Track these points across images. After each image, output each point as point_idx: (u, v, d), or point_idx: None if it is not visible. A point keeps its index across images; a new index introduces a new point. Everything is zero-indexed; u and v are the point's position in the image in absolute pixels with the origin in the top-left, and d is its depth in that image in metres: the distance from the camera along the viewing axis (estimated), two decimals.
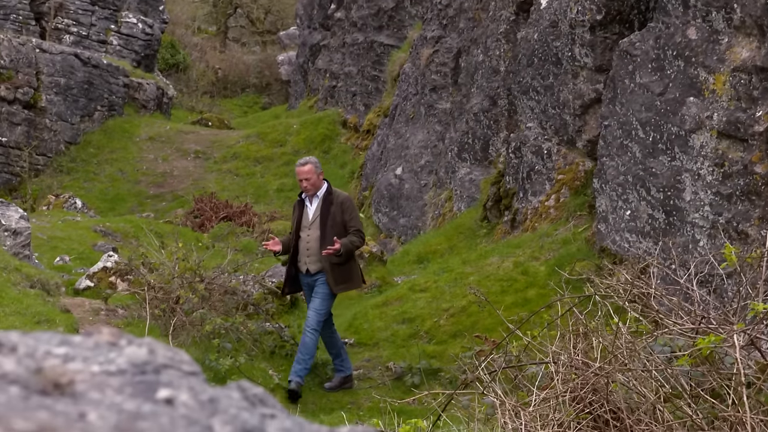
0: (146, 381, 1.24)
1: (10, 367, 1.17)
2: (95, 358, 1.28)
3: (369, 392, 10.64)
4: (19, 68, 25.91)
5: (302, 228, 10.67)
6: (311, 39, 32.73)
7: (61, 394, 1.13)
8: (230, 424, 1.17)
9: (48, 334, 1.34)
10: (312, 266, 10.63)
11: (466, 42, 19.02)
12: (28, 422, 0.91)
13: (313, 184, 10.58)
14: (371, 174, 22.84)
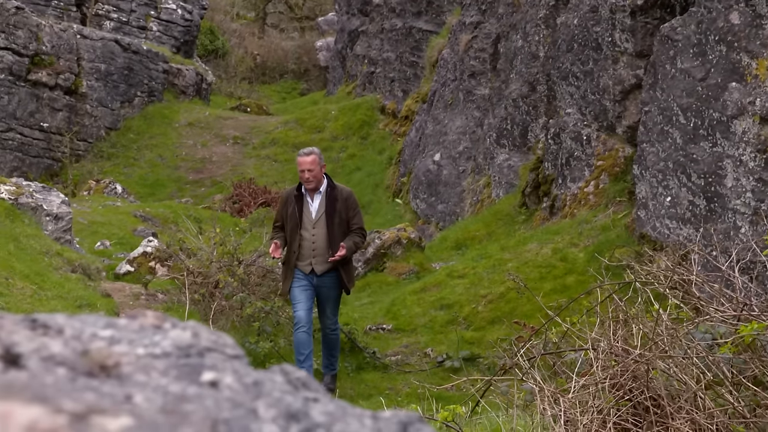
0: (191, 364, 1.25)
1: (57, 349, 1.17)
2: (140, 341, 1.29)
3: (407, 378, 10.65)
4: (61, 54, 26.10)
5: (304, 226, 9.87)
6: (350, 25, 32.71)
7: (108, 376, 1.13)
8: (274, 407, 1.17)
9: (93, 317, 1.35)
10: (319, 267, 9.93)
11: (505, 27, 18.92)
12: (77, 403, 0.92)
13: (316, 176, 9.78)
14: (409, 160, 22.82)
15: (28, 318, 1.28)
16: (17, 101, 24.94)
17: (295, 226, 9.82)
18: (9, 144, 25.09)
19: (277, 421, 1.15)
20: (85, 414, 0.90)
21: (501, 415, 5.07)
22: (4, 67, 24.81)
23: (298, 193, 9.90)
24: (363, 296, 14.15)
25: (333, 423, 1.17)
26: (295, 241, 9.86)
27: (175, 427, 0.95)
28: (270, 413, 1.16)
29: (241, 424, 1.09)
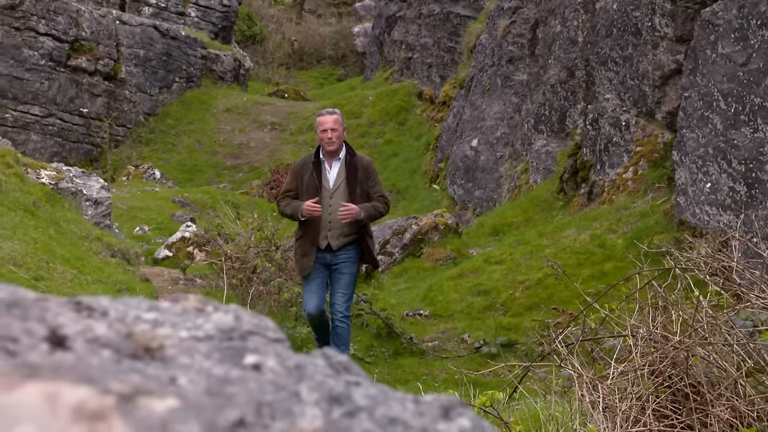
0: (233, 347, 1.25)
1: (102, 331, 1.18)
2: (183, 324, 1.29)
3: (444, 364, 10.65)
4: (100, 40, 26.26)
5: (321, 196, 8.91)
6: (387, 10, 32.66)
7: (152, 359, 1.14)
8: (317, 390, 1.18)
9: (137, 300, 1.36)
10: (335, 241, 8.97)
11: (543, 12, 18.82)
12: (124, 384, 0.93)
13: (339, 137, 8.89)
14: (447, 146, 22.78)
15: (72, 300, 1.29)
16: (57, 87, 25.14)
17: (313, 196, 8.86)
18: (49, 129, 25.30)
19: (320, 404, 1.15)
20: (132, 395, 0.91)
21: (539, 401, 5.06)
22: (45, 53, 25.01)
23: (316, 159, 9.00)
24: (400, 282, 14.16)
25: (375, 406, 1.17)
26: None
27: (220, 409, 0.96)
28: (313, 396, 1.16)
29: (285, 406, 1.09)
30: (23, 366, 0.92)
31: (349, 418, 1.12)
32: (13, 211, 11.96)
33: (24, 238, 11.31)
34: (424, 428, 1.14)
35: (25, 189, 12.78)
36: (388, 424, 1.13)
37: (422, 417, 1.17)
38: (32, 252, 10.84)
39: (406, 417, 1.16)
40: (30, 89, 24.95)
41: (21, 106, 24.85)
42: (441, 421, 1.18)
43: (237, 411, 0.97)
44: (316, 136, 9.15)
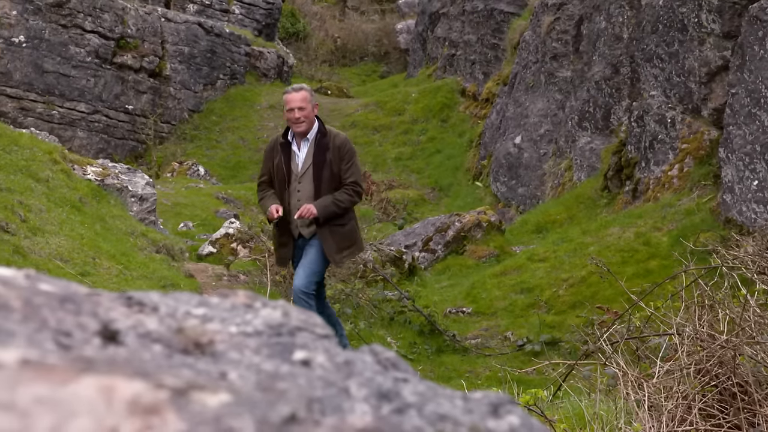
0: (282, 342, 1.26)
1: (153, 326, 1.19)
2: (232, 320, 1.30)
3: (487, 361, 10.63)
4: (145, 37, 26.45)
5: (291, 180, 8.22)
6: (430, 7, 32.60)
7: (202, 354, 1.15)
8: (366, 386, 1.18)
9: (187, 295, 1.37)
10: (305, 230, 8.28)
11: (588, 9, 18.71)
12: (177, 379, 0.93)
13: (307, 116, 8.09)
14: (490, 143, 22.72)
15: (123, 295, 1.30)
16: (103, 84, 25.36)
17: (283, 181, 8.20)
18: (95, 126, 25.53)
19: (369, 400, 1.15)
20: (185, 390, 0.91)
21: (583, 400, 5.04)
22: (91, 50, 25.24)
23: (285, 140, 8.28)
24: (443, 279, 14.15)
25: (424, 403, 1.17)
26: (285, 199, 8.24)
27: (272, 404, 0.96)
28: (362, 392, 1.17)
29: (334, 402, 1.09)
30: (78, 360, 0.93)
31: (399, 414, 1.12)
32: (60, 207, 12.09)
33: (71, 233, 11.43)
34: (474, 425, 1.13)
35: (72, 185, 12.91)
36: (437, 420, 1.13)
37: (471, 414, 1.17)
38: (79, 248, 10.95)
39: (455, 414, 1.16)
40: (76, 86, 25.19)
41: (67, 102, 25.10)
42: (490, 418, 1.18)
43: (289, 406, 0.97)
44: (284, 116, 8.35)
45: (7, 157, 12.74)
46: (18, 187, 12.03)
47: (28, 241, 10.64)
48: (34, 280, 1.22)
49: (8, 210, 11.10)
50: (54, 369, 0.87)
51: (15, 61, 24.46)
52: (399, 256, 13.74)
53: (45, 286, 1.20)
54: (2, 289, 1.11)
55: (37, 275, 1.26)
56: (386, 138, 27.39)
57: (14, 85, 24.46)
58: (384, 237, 15.45)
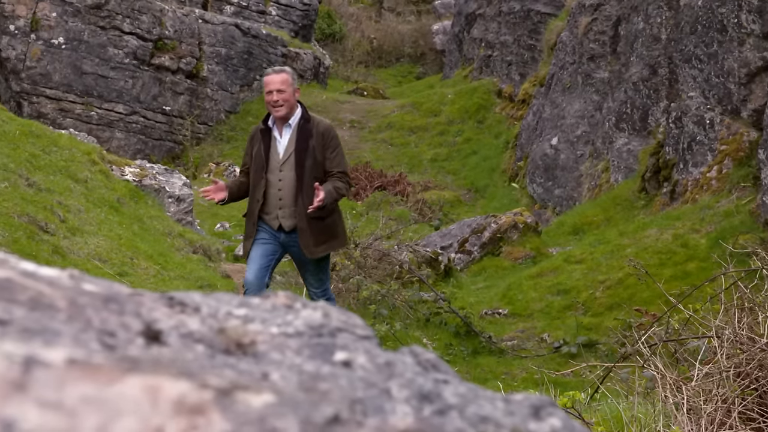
0: (323, 343, 1.26)
1: (195, 327, 1.20)
2: (273, 320, 1.31)
3: (523, 363, 10.60)
4: (183, 39, 26.60)
5: (270, 169, 7.70)
6: (467, 8, 32.55)
7: (244, 354, 1.15)
8: (407, 388, 1.18)
9: (228, 296, 1.38)
10: (287, 221, 7.73)
11: (626, 9, 18.61)
12: (221, 379, 0.94)
13: (287, 100, 7.59)
14: (526, 144, 22.65)
15: (165, 296, 1.31)
16: (141, 85, 25.53)
17: (261, 169, 7.70)
18: (133, 127, 25.71)
19: (411, 401, 1.15)
20: (230, 390, 0.92)
21: (621, 402, 5.01)
22: (129, 51, 25.43)
23: (265, 126, 7.80)
24: (479, 280, 14.13)
25: (466, 405, 1.17)
26: (260, 188, 7.74)
27: (315, 405, 0.96)
28: (403, 394, 1.16)
29: (376, 403, 1.09)
30: (124, 360, 0.93)
31: (441, 416, 1.12)
32: (98, 207, 12.18)
33: (109, 234, 11.51)
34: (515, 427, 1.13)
35: (110, 186, 13.01)
36: (479, 422, 1.13)
37: (513, 416, 1.17)
38: (117, 248, 11.03)
39: (496, 416, 1.15)
40: (114, 87, 25.39)
41: (106, 104, 25.30)
42: (532, 420, 1.17)
43: (332, 407, 0.98)
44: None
45: (47, 157, 12.86)
46: (57, 187, 12.13)
47: (67, 241, 10.73)
48: (78, 280, 1.23)
49: (48, 210, 11.20)
50: (100, 369, 0.88)
51: (54, 63, 24.68)
52: (435, 258, 13.73)
53: (89, 286, 1.21)
54: (48, 289, 1.12)
55: (80, 275, 1.27)
56: (422, 139, 27.37)
57: (54, 87, 24.69)
58: (420, 238, 15.44)
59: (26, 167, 12.24)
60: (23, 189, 11.57)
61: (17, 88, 24.52)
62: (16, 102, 24.47)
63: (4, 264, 1.15)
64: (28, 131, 13.54)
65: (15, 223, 10.34)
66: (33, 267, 1.19)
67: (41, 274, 1.18)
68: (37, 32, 24.60)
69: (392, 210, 19.69)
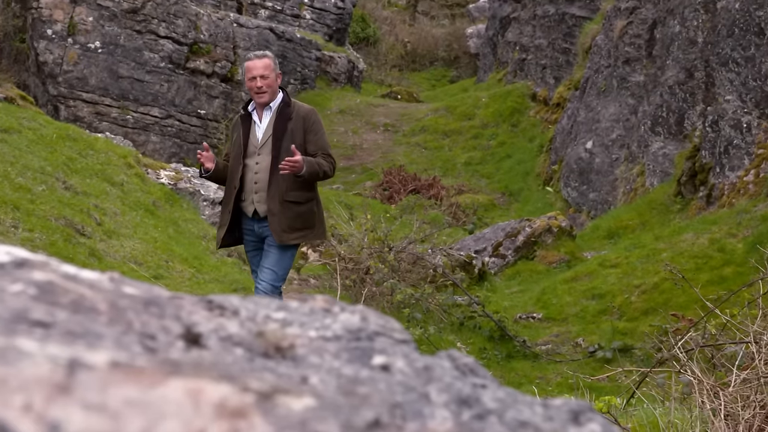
0: (361, 347, 1.26)
1: (234, 330, 1.20)
2: (311, 324, 1.31)
3: (558, 367, 10.56)
4: (218, 42, 26.73)
5: (248, 153, 7.51)
6: (501, 11, 32.50)
7: (283, 358, 1.16)
8: (446, 392, 1.18)
9: (266, 299, 1.38)
10: (261, 206, 7.46)
11: (662, 13, 18.50)
12: (261, 382, 0.94)
13: (270, 85, 7.43)
14: (560, 148, 22.57)
15: (204, 299, 1.32)
16: (176, 89, 25.68)
17: (239, 154, 7.50)
18: (168, 131, 25.86)
19: (449, 406, 1.15)
20: (271, 393, 0.92)
21: (657, 408, 4.97)
22: (165, 55, 25.58)
23: (246, 112, 7.63)
24: (513, 284, 14.09)
25: (505, 409, 1.16)
26: (237, 173, 7.52)
27: (356, 409, 0.97)
28: (442, 398, 1.16)
29: (414, 408, 1.09)
30: (165, 362, 0.94)
31: (480, 420, 1.11)
32: (134, 210, 12.27)
33: (144, 237, 11.59)
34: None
35: (146, 189, 13.10)
36: (518, 427, 1.13)
37: (552, 421, 1.17)
38: (152, 251, 11.10)
39: (536, 421, 1.15)
40: (150, 91, 25.55)
41: (141, 107, 25.47)
42: (571, 425, 1.17)
43: (372, 411, 0.98)
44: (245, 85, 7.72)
45: (84, 161, 12.96)
46: (94, 190, 12.23)
47: (104, 244, 10.81)
48: (119, 283, 1.24)
49: (84, 213, 11.29)
50: (143, 371, 0.88)
51: (91, 67, 24.88)
52: (469, 261, 13.70)
53: (129, 289, 1.22)
54: (89, 292, 1.12)
55: (121, 278, 1.28)
56: (456, 143, 27.35)
57: (90, 90, 24.89)
58: (454, 242, 15.41)
59: (63, 170, 12.34)
60: (60, 192, 11.66)
61: (54, 91, 24.74)
62: (53, 106, 24.69)
63: (46, 267, 1.16)
64: (65, 135, 13.66)
65: (52, 226, 10.43)
66: (74, 270, 1.20)
67: (82, 277, 1.18)
68: (74, 36, 24.81)
69: (426, 214, 19.67)
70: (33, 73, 25.38)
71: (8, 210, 10.31)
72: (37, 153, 12.48)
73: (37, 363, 0.84)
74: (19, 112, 14.28)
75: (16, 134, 12.77)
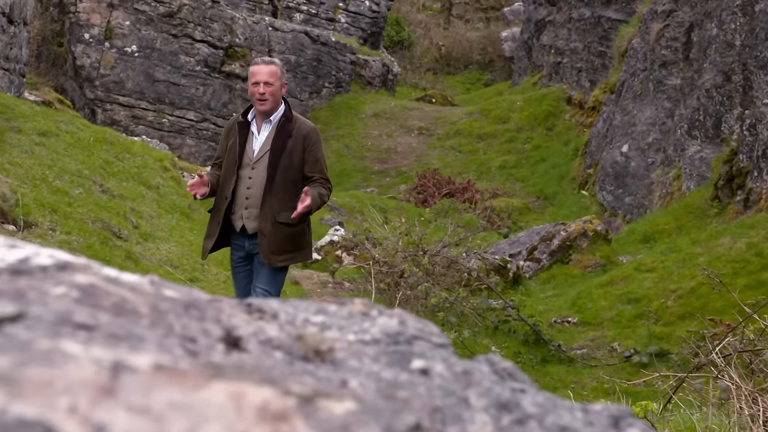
0: (400, 351, 1.26)
1: (273, 333, 1.20)
2: (350, 328, 1.31)
3: (593, 372, 10.50)
4: (253, 46, 26.83)
5: (243, 164, 7.02)
6: (536, 14, 32.41)
7: (322, 361, 1.16)
8: (485, 396, 1.17)
9: (305, 303, 1.38)
10: (251, 223, 7.04)
11: (699, 15, 18.38)
12: (302, 386, 0.94)
13: (273, 94, 6.94)
14: (596, 151, 22.47)
15: (244, 302, 1.32)
16: (212, 92, 25.81)
17: (233, 164, 7.01)
18: (203, 134, 25.99)
19: (489, 410, 1.14)
20: (312, 397, 0.92)
21: (695, 413, 4.94)
22: (200, 59, 25.72)
23: (244, 119, 7.10)
24: (548, 288, 14.04)
25: (545, 414, 1.16)
26: (229, 184, 7.02)
27: (397, 413, 0.96)
28: (481, 402, 1.16)
29: (454, 412, 1.09)
30: (208, 366, 0.94)
31: (519, 425, 1.11)
32: (170, 213, 12.33)
33: (180, 240, 11.65)
34: None
35: (181, 192, 13.16)
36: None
37: (592, 427, 1.16)
38: (188, 254, 11.15)
39: (576, 426, 1.14)
40: (186, 95, 25.70)
41: (177, 111, 25.62)
42: (611, 431, 1.16)
43: (413, 415, 0.97)
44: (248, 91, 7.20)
45: (120, 164, 13.05)
46: (130, 194, 12.31)
47: (140, 246, 10.87)
48: (159, 286, 1.25)
49: (121, 216, 11.36)
50: (185, 374, 0.89)
51: (127, 71, 25.07)
52: (503, 265, 13.67)
53: (169, 292, 1.22)
54: (131, 295, 1.13)
55: (161, 281, 1.28)
56: (491, 146, 27.29)
57: (126, 94, 25.07)
58: (488, 246, 15.37)
59: (100, 174, 12.43)
60: (97, 195, 11.75)
61: (91, 95, 24.94)
62: (90, 109, 24.89)
63: (88, 270, 1.17)
64: (102, 138, 13.76)
65: (89, 229, 10.50)
66: (115, 273, 1.21)
67: (123, 280, 1.19)
68: (111, 40, 25.01)
69: (460, 217, 19.64)
70: (70, 77, 25.60)
71: (46, 213, 10.40)
72: (75, 156, 12.58)
73: (82, 365, 0.84)
74: (57, 116, 14.41)
75: (54, 138, 12.88)
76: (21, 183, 10.86)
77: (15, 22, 16.22)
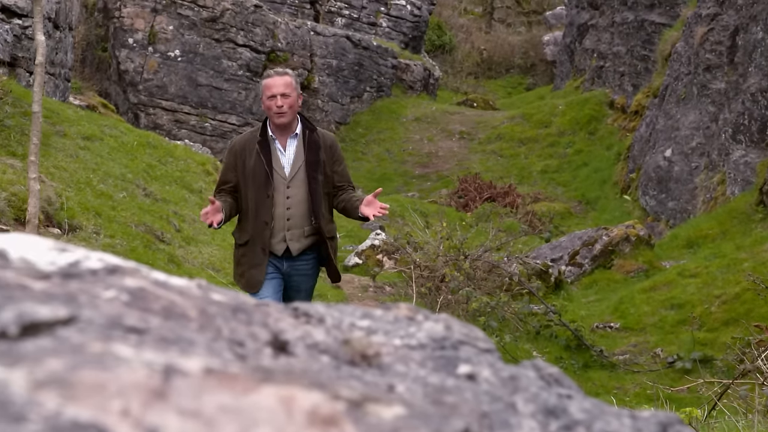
0: (446, 356, 1.26)
1: (320, 338, 1.21)
2: (396, 332, 1.31)
3: (636, 378, 10.43)
4: (295, 51, 26.94)
5: (277, 185, 6.53)
6: (579, 18, 32.27)
7: (368, 366, 1.16)
8: (532, 402, 1.17)
9: (351, 307, 1.38)
10: (296, 244, 6.60)
11: (744, 19, 18.21)
12: (351, 390, 0.94)
13: (291, 105, 6.45)
14: (639, 156, 22.32)
15: (290, 306, 1.33)
16: (254, 97, 25.93)
17: (263, 186, 6.51)
18: None
19: (536, 416, 1.14)
20: (361, 402, 0.92)
21: (740, 421, 4.89)
22: (243, 63, 25.86)
23: (263, 138, 6.58)
24: (590, 293, 13.96)
25: (593, 420, 1.15)
26: (265, 208, 6.54)
27: (445, 419, 0.96)
28: (528, 408, 1.16)
29: (502, 417, 1.09)
30: (257, 369, 0.95)
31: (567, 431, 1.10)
32: None
33: (222, 243, 11.71)
34: None
35: None
36: None
37: None
38: (229, 257, 11.20)
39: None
40: (228, 99, 25.85)
41: (219, 115, 25.77)
42: None
43: (462, 421, 0.97)
44: (262, 105, 6.73)
45: (163, 168, 13.14)
46: (173, 197, 12.39)
47: (182, 250, 10.94)
48: (206, 290, 1.25)
49: (164, 220, 11.44)
50: (236, 378, 0.89)
51: (170, 75, 25.26)
52: (545, 270, 13.61)
53: (217, 296, 1.23)
54: (179, 298, 1.14)
55: (208, 285, 1.29)
56: (532, 150, 27.20)
57: (169, 98, 25.26)
58: (530, 250, 15.31)
59: (143, 177, 12.53)
60: (140, 199, 11.84)
61: (135, 99, 25.15)
62: (133, 113, 25.10)
63: (137, 274, 1.18)
64: (146, 142, 13.87)
65: (132, 233, 10.59)
66: (164, 277, 1.22)
67: (172, 284, 1.20)
68: (155, 45, 25.21)
69: (502, 222, 19.59)
70: (114, 82, 25.84)
71: (90, 216, 10.49)
72: (118, 160, 12.68)
73: (134, 369, 0.85)
74: (101, 120, 14.54)
75: (98, 142, 13.00)
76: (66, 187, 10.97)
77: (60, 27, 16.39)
